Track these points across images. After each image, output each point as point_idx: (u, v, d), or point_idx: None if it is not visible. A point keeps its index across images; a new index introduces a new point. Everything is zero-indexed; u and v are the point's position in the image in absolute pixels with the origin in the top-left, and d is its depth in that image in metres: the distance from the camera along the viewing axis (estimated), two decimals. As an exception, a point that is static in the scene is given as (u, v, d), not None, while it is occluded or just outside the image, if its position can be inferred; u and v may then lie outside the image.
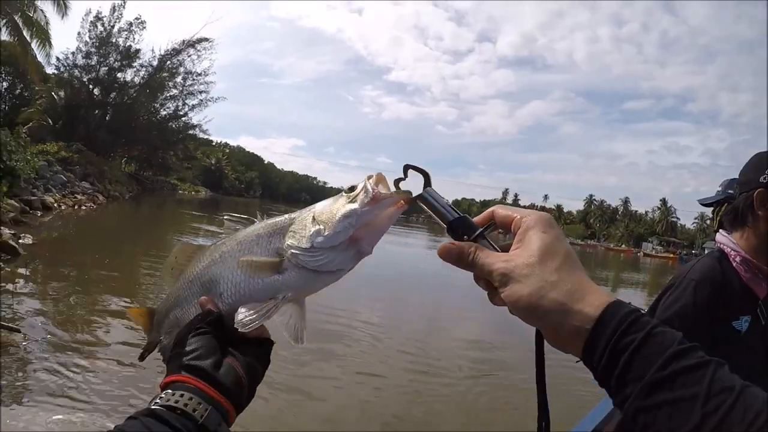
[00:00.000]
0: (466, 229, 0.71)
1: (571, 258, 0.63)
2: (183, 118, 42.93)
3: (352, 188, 0.81)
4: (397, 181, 0.79)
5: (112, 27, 36.76)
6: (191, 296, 0.95)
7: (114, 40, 36.96)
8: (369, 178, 0.80)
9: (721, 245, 1.98)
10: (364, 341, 7.89)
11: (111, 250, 13.00)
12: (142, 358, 1.07)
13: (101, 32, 36.43)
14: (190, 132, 44.72)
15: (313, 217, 0.82)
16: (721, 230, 2.07)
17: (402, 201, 0.78)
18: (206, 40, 40.48)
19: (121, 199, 29.81)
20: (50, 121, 32.92)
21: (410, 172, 0.78)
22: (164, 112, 42.36)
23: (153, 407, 0.71)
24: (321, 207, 0.83)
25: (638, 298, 19.68)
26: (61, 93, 35.38)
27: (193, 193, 64.39)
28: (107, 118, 37.98)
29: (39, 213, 16.50)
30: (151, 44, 47.79)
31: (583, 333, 0.57)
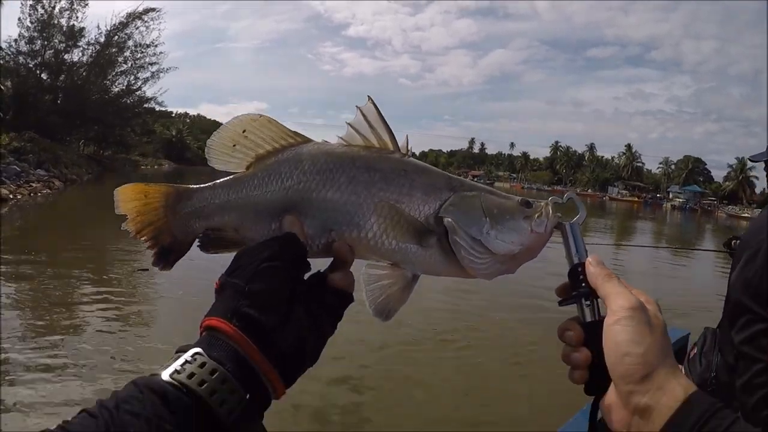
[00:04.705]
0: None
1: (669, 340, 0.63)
2: (137, 93, 42.76)
3: (527, 203, 0.74)
4: (552, 201, 0.75)
5: (53, 8, 36.20)
6: (269, 206, 0.73)
7: (56, 21, 36.44)
8: (548, 204, 0.74)
9: None
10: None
11: (72, 232, 13.28)
12: (167, 264, 0.78)
13: (42, 15, 35.84)
14: (146, 106, 44.61)
15: (483, 207, 0.73)
16: None
17: (552, 229, 0.73)
18: (153, 10, 40.16)
19: (79, 181, 29.66)
20: (0, 113, 32.20)
21: (571, 201, 0.75)
22: (117, 89, 42.14)
23: (166, 380, 0.52)
24: (493, 201, 0.74)
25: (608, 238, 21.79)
26: (8, 83, 34.75)
27: (156, 167, 64.13)
28: (58, 102, 37.69)
29: (-6, 206, 16.41)
30: (96, 20, 46.43)
31: (665, 411, 0.57)
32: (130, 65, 41.26)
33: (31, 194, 20.91)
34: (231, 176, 0.78)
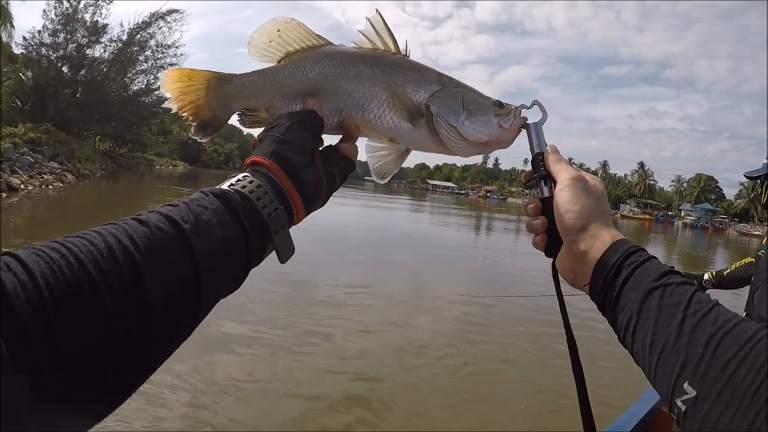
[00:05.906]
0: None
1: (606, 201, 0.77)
2: (156, 92, 42.10)
3: (500, 104, 0.89)
4: (521, 107, 0.89)
5: (78, 2, 36.08)
6: (296, 91, 0.89)
7: (80, 16, 36.31)
8: (517, 107, 0.89)
9: None
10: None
11: (79, 221, 12.92)
12: (206, 134, 0.94)
13: (67, 8, 35.72)
14: (164, 106, 43.50)
15: (463, 100, 0.88)
16: None
17: (521, 127, 0.88)
18: (176, 11, 40.11)
19: (92, 177, 29.61)
20: (19, 103, 32.38)
21: (535, 107, 0.89)
22: (136, 87, 41.93)
23: (226, 188, 0.67)
24: (472, 96, 0.89)
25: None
26: (29, 73, 34.72)
27: (170, 167, 64.22)
28: (78, 96, 37.57)
29: (5, 195, 16.64)
30: (120, 18, 46.79)
31: (596, 253, 0.69)
32: (150, 64, 40.95)
33: (43, 186, 20.83)
34: (266, 67, 0.92)
